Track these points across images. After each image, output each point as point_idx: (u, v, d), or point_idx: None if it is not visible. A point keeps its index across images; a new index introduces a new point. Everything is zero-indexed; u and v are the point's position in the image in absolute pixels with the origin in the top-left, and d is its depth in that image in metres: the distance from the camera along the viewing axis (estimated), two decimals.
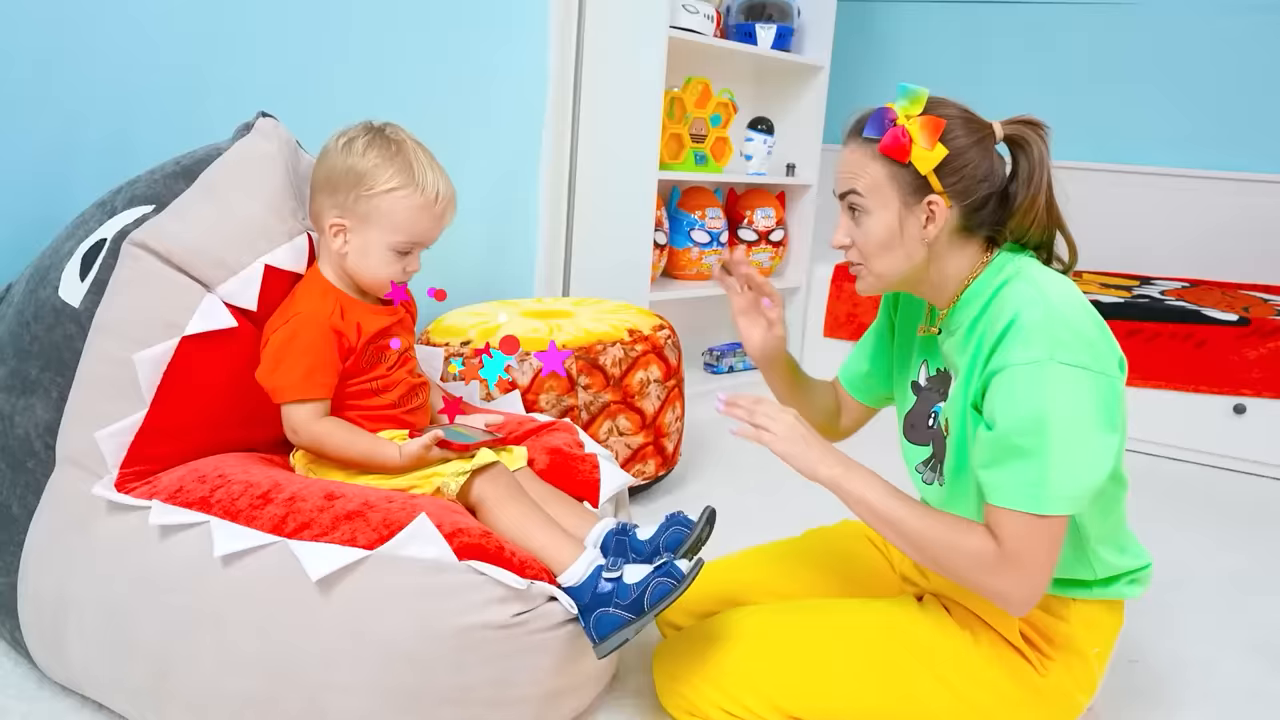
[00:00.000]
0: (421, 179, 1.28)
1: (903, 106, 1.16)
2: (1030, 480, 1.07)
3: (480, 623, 1.15)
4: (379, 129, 1.30)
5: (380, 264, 1.30)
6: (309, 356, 1.27)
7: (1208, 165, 3.49)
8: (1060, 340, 1.07)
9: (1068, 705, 1.24)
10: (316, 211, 1.32)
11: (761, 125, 3.10)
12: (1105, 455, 1.08)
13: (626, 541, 1.29)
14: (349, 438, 1.30)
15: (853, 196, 1.19)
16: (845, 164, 1.20)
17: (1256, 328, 2.74)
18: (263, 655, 1.14)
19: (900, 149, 1.15)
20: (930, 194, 1.16)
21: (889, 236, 1.19)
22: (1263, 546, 2.20)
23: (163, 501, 1.22)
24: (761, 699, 1.25)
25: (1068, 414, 1.06)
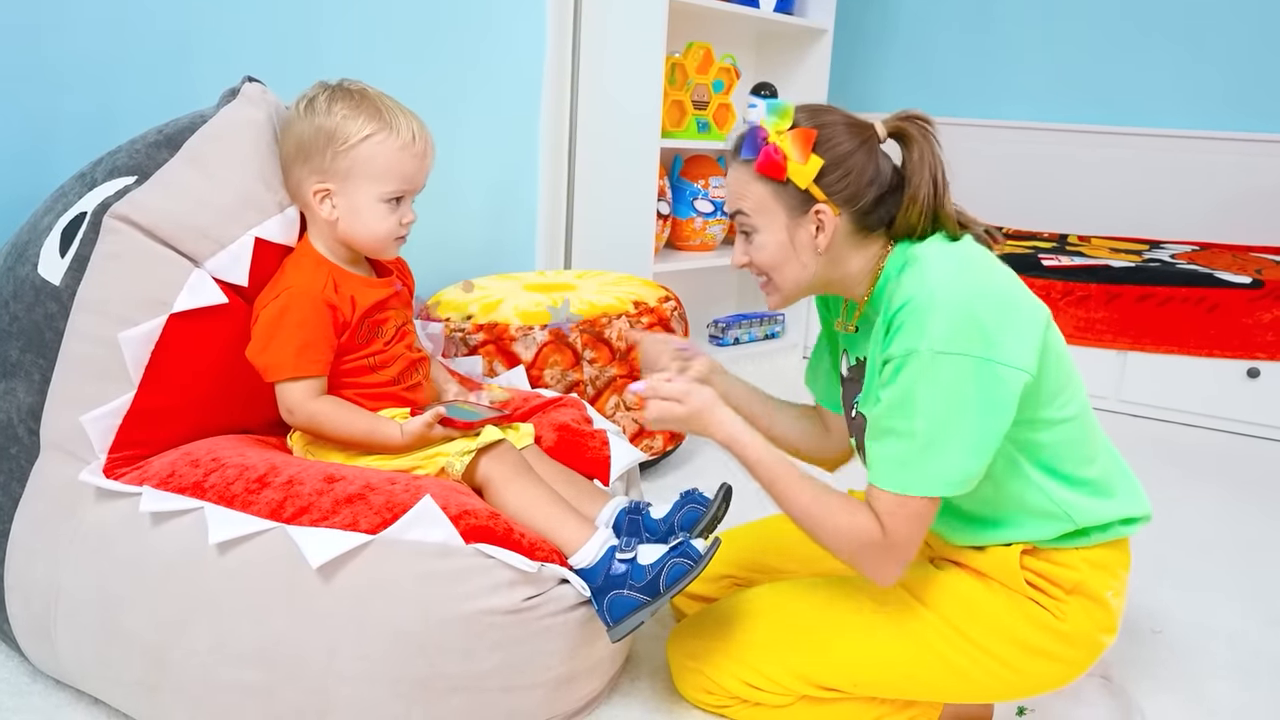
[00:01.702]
0: (394, 121, 1.22)
1: (772, 123, 1.16)
2: (899, 461, 1.10)
3: (489, 608, 1.10)
4: (336, 85, 1.24)
5: (375, 218, 1.24)
6: (302, 332, 1.21)
7: (1217, 126, 3.42)
8: (938, 329, 1.06)
9: (1091, 646, 1.22)
10: (295, 185, 1.25)
11: (765, 90, 3.03)
12: (982, 439, 1.08)
13: (640, 521, 1.25)
14: (348, 417, 1.24)
15: (740, 218, 1.20)
16: (729, 185, 1.21)
17: (1270, 290, 2.68)
18: (263, 646, 1.09)
19: (775, 166, 1.15)
20: (815, 204, 1.16)
21: (781, 251, 1.19)
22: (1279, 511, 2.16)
23: (154, 487, 1.16)
24: (785, 668, 1.23)
25: (939, 399, 1.06)
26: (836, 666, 1.22)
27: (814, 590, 1.30)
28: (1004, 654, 1.20)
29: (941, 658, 1.20)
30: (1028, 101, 3.72)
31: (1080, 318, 2.87)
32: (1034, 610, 1.20)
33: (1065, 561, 1.20)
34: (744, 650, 1.25)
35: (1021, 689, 1.23)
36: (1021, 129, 3.71)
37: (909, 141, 1.17)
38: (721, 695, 1.27)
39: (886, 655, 1.21)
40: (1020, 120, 3.71)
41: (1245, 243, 3.38)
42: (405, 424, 1.24)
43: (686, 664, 1.30)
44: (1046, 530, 1.19)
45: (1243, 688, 1.45)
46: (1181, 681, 1.46)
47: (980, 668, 1.20)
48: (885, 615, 1.23)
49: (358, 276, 1.28)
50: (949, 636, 1.20)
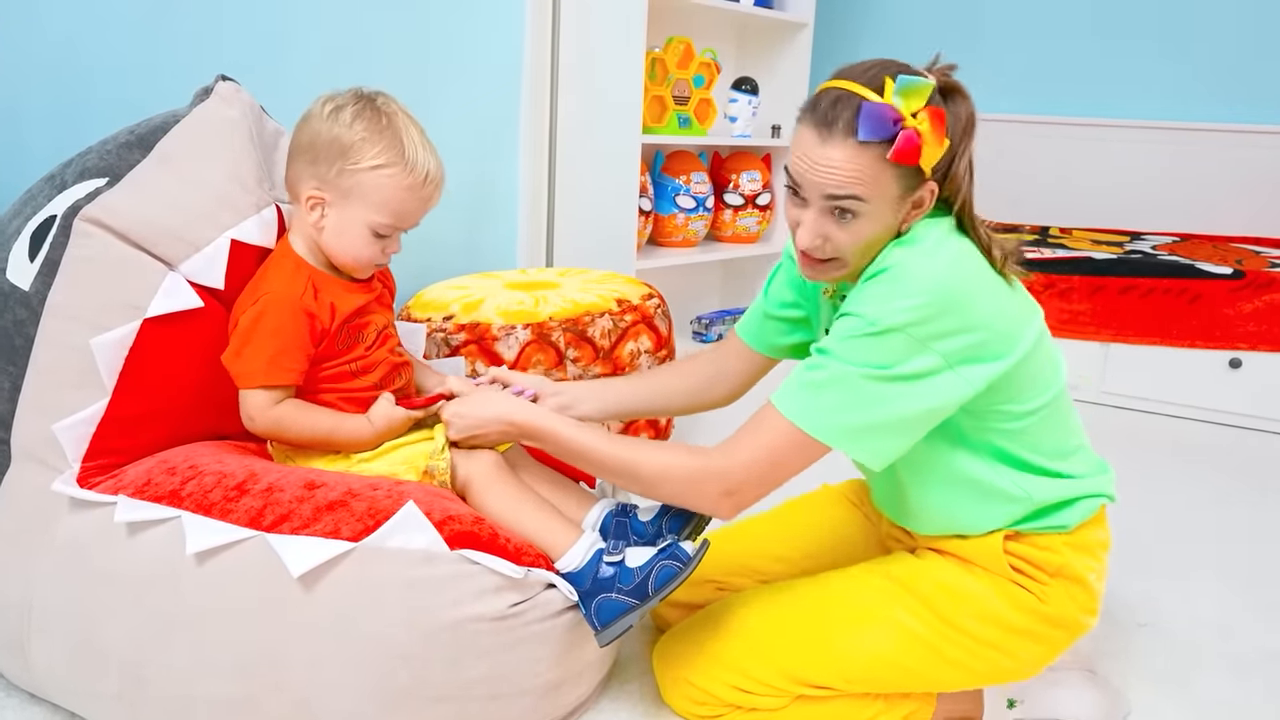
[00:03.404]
0: (412, 157, 1.17)
1: (905, 103, 1.03)
2: (800, 386, 1.08)
3: (475, 615, 1.09)
4: (370, 98, 1.19)
5: (357, 244, 1.20)
6: (276, 340, 1.17)
7: (1197, 118, 3.44)
8: (902, 305, 1.04)
9: (1073, 626, 1.23)
10: (294, 179, 1.21)
11: (746, 85, 3.01)
12: (883, 409, 1.06)
13: (627, 523, 1.23)
14: (311, 418, 1.21)
15: (846, 201, 1.07)
16: (831, 167, 1.05)
17: (1250, 280, 2.70)
18: (244, 657, 1.07)
19: (914, 152, 1.04)
20: (926, 182, 1.09)
21: (882, 235, 1.11)
22: (1264, 500, 2.17)
23: (129, 496, 1.13)
24: (775, 670, 1.22)
25: (866, 359, 1.05)
26: (826, 664, 1.21)
27: (798, 590, 1.30)
28: (990, 637, 1.20)
29: (929, 646, 1.20)
30: (1009, 94, 3.72)
31: (1063, 310, 2.88)
32: (1018, 593, 1.20)
33: (1048, 545, 1.20)
34: (732, 656, 1.24)
35: (1009, 671, 1.24)
36: (1002, 121, 3.71)
37: (958, 99, 1.09)
38: (714, 704, 1.25)
39: (875, 648, 1.21)
40: (1001, 113, 3.71)
41: (1226, 233, 3.40)
42: (370, 412, 1.22)
43: (674, 675, 1.28)
44: (1010, 512, 1.19)
45: (1230, 678, 1.45)
46: (1168, 673, 1.46)
47: (967, 652, 1.20)
48: (871, 608, 1.23)
49: (338, 281, 1.25)
50: (934, 624, 1.20)
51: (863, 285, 1.10)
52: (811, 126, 1.07)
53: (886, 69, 1.06)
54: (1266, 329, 2.66)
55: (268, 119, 1.38)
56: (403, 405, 1.24)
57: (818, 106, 1.07)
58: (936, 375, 1.06)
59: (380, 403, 1.23)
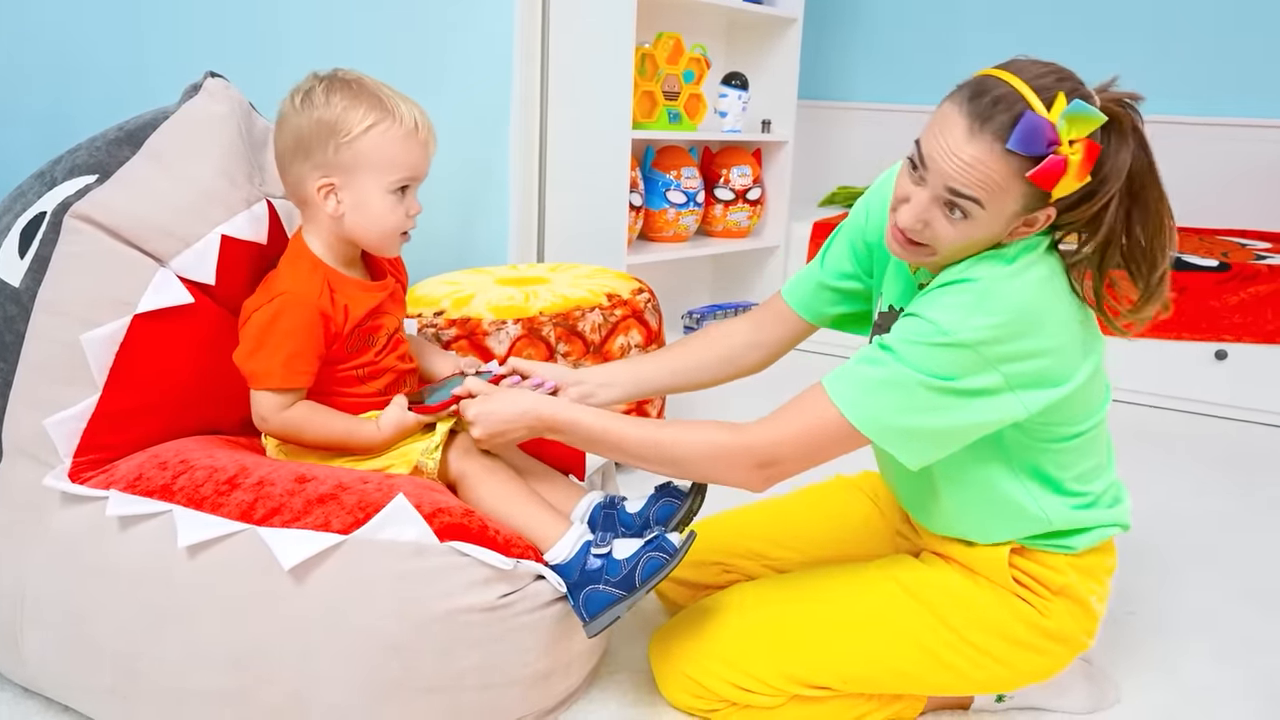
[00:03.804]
0: (395, 109, 1.17)
1: (1069, 129, 0.97)
2: (852, 377, 1.08)
3: (465, 606, 1.10)
4: (330, 75, 1.19)
5: (383, 211, 1.19)
6: (291, 342, 1.17)
7: (1182, 111, 3.46)
8: (973, 323, 1.02)
9: (1073, 644, 1.24)
10: (295, 182, 1.20)
11: (735, 81, 3.02)
12: (929, 414, 1.05)
13: (615, 515, 1.24)
14: (324, 420, 1.22)
15: (964, 202, 1.02)
16: (967, 164, 1.00)
17: (1236, 272, 2.72)
18: (236, 650, 1.08)
19: (1054, 179, 0.98)
20: (1048, 207, 1.04)
21: (983, 241, 1.07)
22: (1249, 491, 2.19)
23: (121, 491, 1.14)
24: (774, 669, 1.22)
25: (925, 367, 1.04)
26: (827, 666, 1.22)
27: (802, 588, 1.30)
28: (991, 647, 1.20)
29: (929, 651, 1.21)
30: None
31: None
32: (1020, 606, 1.21)
33: (1053, 565, 1.21)
34: (731, 652, 1.24)
35: (1007, 680, 1.24)
36: None
37: (1121, 138, 1.03)
38: (710, 699, 1.25)
39: (875, 651, 1.21)
40: None
41: (1212, 226, 3.42)
42: (380, 417, 1.23)
43: (672, 669, 1.29)
44: (1021, 529, 1.20)
45: (1217, 665, 1.47)
46: (1156, 661, 1.47)
47: (968, 661, 1.21)
48: (873, 610, 1.23)
49: (353, 280, 1.25)
50: (936, 630, 1.21)
51: (942, 289, 1.07)
52: (964, 115, 1.01)
53: (1064, 82, 1.01)
54: (1252, 320, 2.69)
55: (257, 116, 1.39)
56: (416, 410, 1.23)
57: (979, 96, 1.00)
58: (997, 395, 1.05)
59: (392, 409, 1.23)
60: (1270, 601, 1.68)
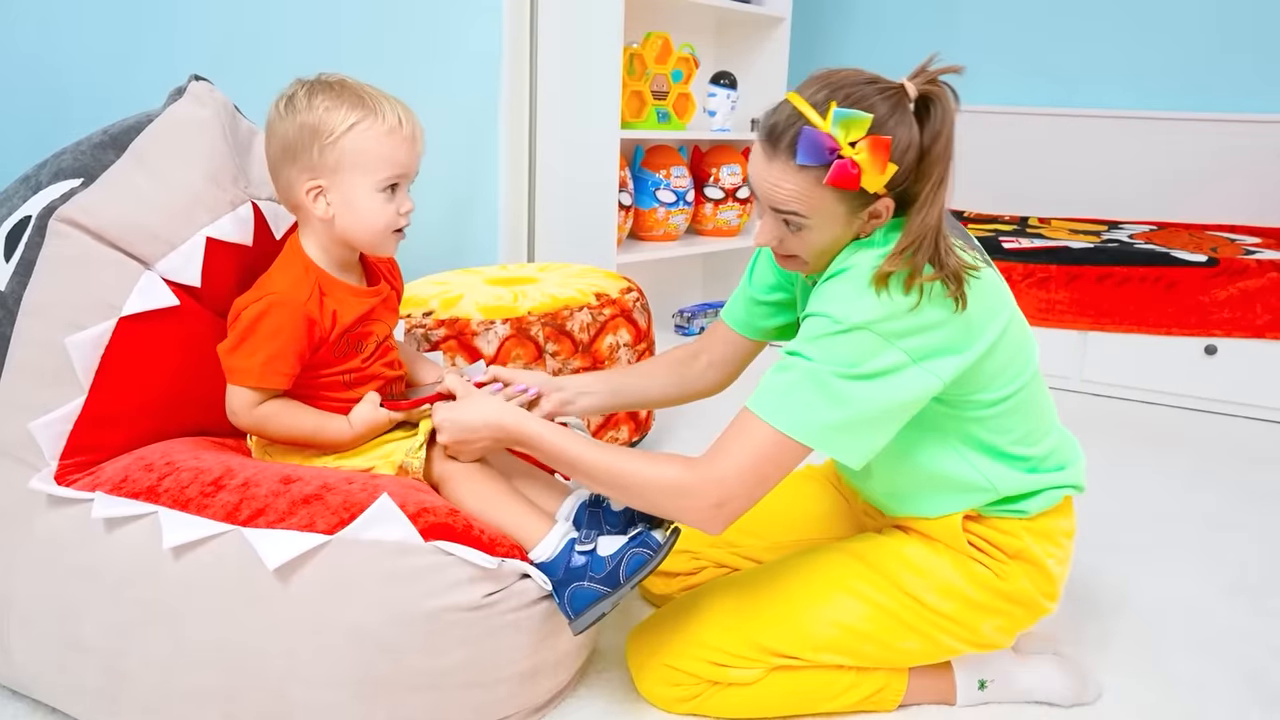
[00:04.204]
0: (377, 107, 1.17)
1: (843, 134, 1.05)
2: (775, 390, 1.10)
3: (450, 605, 1.10)
4: (314, 80, 1.19)
5: (372, 210, 1.18)
6: (273, 343, 1.17)
7: (1172, 107, 3.47)
8: (860, 305, 1.07)
9: (1032, 605, 1.27)
10: (286, 187, 1.20)
11: (724, 80, 3.03)
12: (849, 405, 1.08)
13: (600, 513, 1.25)
14: (294, 416, 1.22)
15: (791, 216, 1.12)
16: (775, 183, 1.10)
17: (1225, 268, 2.73)
18: (222, 650, 1.08)
19: (850, 180, 1.06)
20: (879, 199, 1.11)
21: (833, 242, 1.15)
22: (1237, 485, 2.20)
23: (107, 493, 1.15)
24: (744, 640, 1.25)
25: (833, 359, 1.07)
26: (793, 633, 1.25)
27: (766, 569, 1.34)
28: (949, 610, 1.24)
29: (891, 615, 1.25)
30: (986, 85, 3.75)
31: (1041, 299, 2.91)
32: (977, 569, 1.25)
33: (1007, 529, 1.25)
34: (703, 633, 1.27)
35: (971, 642, 1.27)
36: (980, 113, 3.74)
37: (935, 111, 1.09)
38: (689, 684, 1.27)
39: (839, 617, 1.25)
40: (979, 104, 3.74)
41: (1201, 221, 3.43)
42: (351, 415, 1.23)
43: (646, 661, 1.30)
44: (972, 500, 1.24)
45: (1201, 659, 1.48)
46: (1141, 654, 1.48)
47: (927, 622, 1.25)
48: (834, 580, 1.27)
49: (346, 285, 1.24)
50: (891, 593, 1.25)
51: (826, 283, 1.13)
52: (761, 144, 1.11)
53: (836, 91, 1.07)
54: (1241, 315, 2.70)
55: (241, 118, 1.40)
56: (389, 406, 1.24)
57: (770, 122, 1.10)
58: (903, 371, 1.09)
59: (363, 405, 1.24)
60: (1257, 596, 1.69)
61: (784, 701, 1.28)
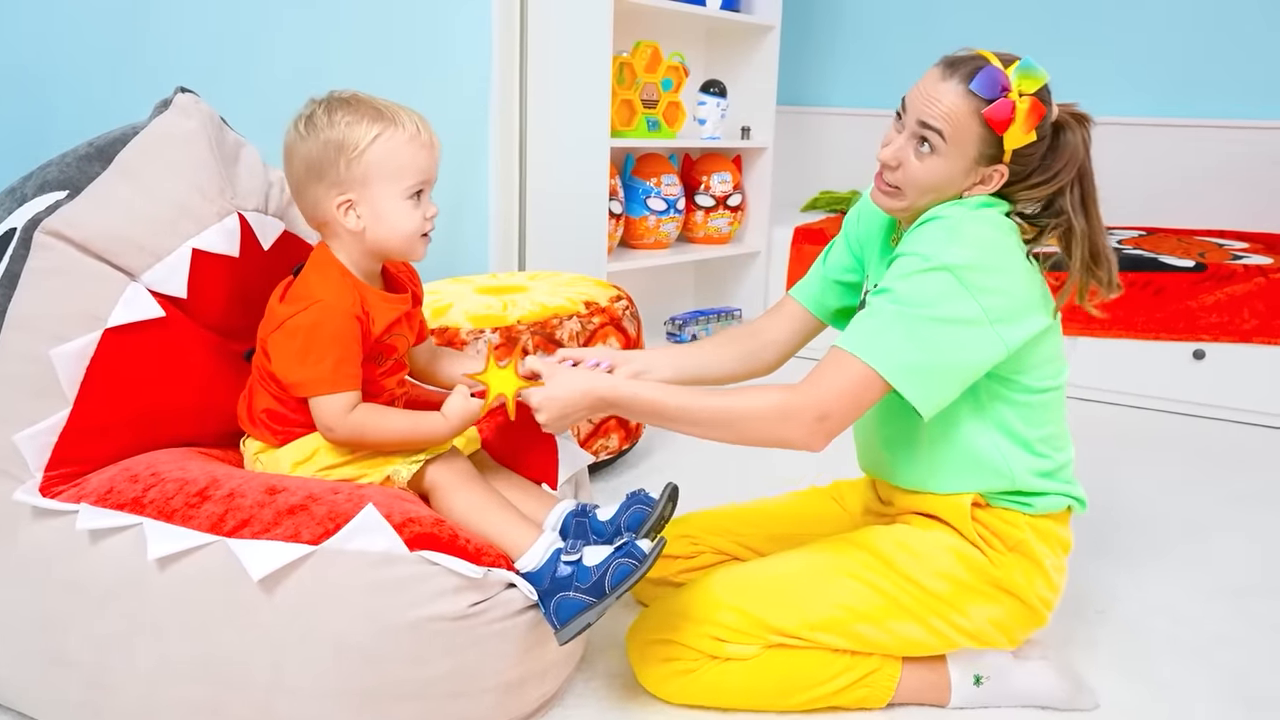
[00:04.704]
0: (395, 117, 1.20)
1: (1019, 81, 1.18)
2: (867, 330, 1.19)
3: (436, 615, 1.10)
4: (328, 97, 1.21)
5: (401, 218, 1.20)
6: (337, 347, 1.17)
7: (1160, 112, 3.49)
8: (950, 250, 1.16)
9: (1027, 605, 1.30)
10: (313, 205, 1.20)
11: (714, 88, 3.04)
12: (930, 348, 1.17)
13: (587, 523, 1.25)
14: (388, 418, 1.22)
15: (931, 134, 1.20)
16: (936, 99, 1.20)
17: (1213, 273, 2.74)
18: (207, 662, 1.08)
19: (1003, 122, 1.18)
20: (1000, 164, 1.22)
21: (944, 183, 1.23)
22: (1226, 490, 2.21)
23: (92, 504, 1.15)
24: (743, 616, 1.28)
25: (912, 295, 1.17)
26: (792, 610, 1.27)
27: (767, 556, 1.39)
28: (941, 591, 1.28)
29: (886, 595, 1.28)
30: None
31: None
32: (973, 555, 1.29)
33: (1010, 520, 1.29)
34: (703, 609, 1.29)
35: (965, 630, 1.29)
36: None
37: (1069, 131, 1.23)
38: (687, 658, 1.28)
39: (835, 595, 1.28)
40: None
41: (1190, 226, 3.45)
42: (446, 407, 1.23)
43: (646, 639, 1.32)
44: (988, 483, 1.28)
45: (1188, 663, 1.48)
46: (1131, 660, 1.48)
47: (922, 605, 1.28)
48: (833, 561, 1.31)
49: (377, 292, 1.25)
50: (890, 576, 1.29)
51: (917, 229, 1.23)
52: (939, 66, 1.22)
53: (1020, 59, 1.20)
54: (1228, 320, 2.71)
55: (228, 130, 1.40)
56: (477, 396, 1.24)
57: (953, 56, 1.22)
58: (977, 326, 1.17)
59: (454, 397, 1.24)
60: (1244, 600, 1.69)
61: (779, 682, 1.29)
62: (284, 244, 1.39)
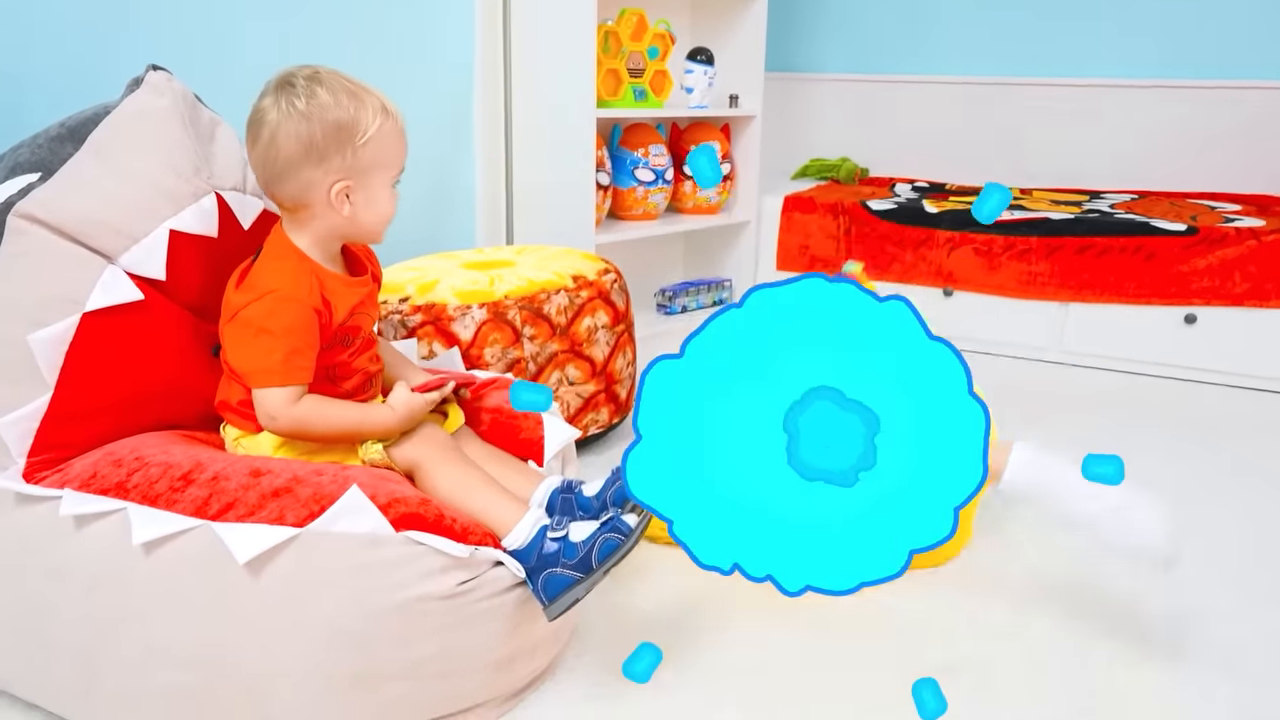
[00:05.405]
0: (385, 104, 1.20)
1: None
2: None
3: (423, 595, 1.10)
4: (311, 74, 1.17)
5: (387, 205, 1.22)
6: (290, 338, 1.17)
7: (1151, 75, 3.46)
8: None
9: None
10: (302, 187, 1.17)
11: (701, 56, 3.00)
12: None
13: (573, 499, 1.25)
14: (335, 411, 1.21)
15: None
16: None
17: (1204, 236, 2.73)
18: (194, 646, 1.08)
19: None
20: None
21: None
22: (1217, 454, 2.21)
23: (75, 490, 1.14)
24: None
25: None
26: None
27: None
28: None
29: None
30: (966, 58, 3.72)
31: (1023, 271, 2.91)
32: None
33: None
34: None
35: None
36: (959, 84, 3.72)
37: None
38: None
39: None
40: (957, 75, 3.72)
41: (1182, 189, 3.43)
42: (391, 399, 1.23)
43: None
44: None
45: (1176, 630, 1.49)
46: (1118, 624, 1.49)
47: None
48: None
49: (338, 276, 1.24)
50: None
51: None
52: None
53: None
54: (1220, 284, 2.70)
55: (203, 108, 1.38)
56: (418, 389, 1.24)
57: None
58: None
59: (399, 389, 1.24)
60: (1236, 569, 1.70)
61: None
62: (264, 223, 1.37)
